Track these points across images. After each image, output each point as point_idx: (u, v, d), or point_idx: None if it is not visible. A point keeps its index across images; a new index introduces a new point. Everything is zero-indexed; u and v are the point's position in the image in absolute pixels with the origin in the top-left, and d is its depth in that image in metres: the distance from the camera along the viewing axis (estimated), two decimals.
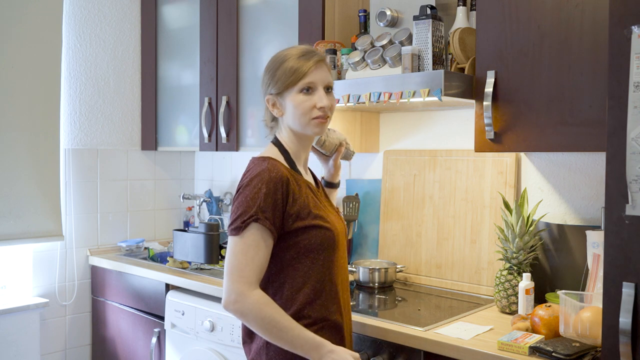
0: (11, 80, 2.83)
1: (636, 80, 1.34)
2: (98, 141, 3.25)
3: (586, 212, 2.14)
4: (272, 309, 1.51)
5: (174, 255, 2.84)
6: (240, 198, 1.56)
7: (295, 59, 1.60)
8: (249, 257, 1.51)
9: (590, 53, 1.76)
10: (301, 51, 1.63)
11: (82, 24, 3.17)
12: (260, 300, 1.51)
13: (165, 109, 3.29)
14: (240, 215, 1.53)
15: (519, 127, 1.90)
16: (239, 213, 1.54)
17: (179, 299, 2.59)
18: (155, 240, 3.40)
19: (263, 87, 1.67)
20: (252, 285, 1.51)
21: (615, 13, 1.38)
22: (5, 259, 2.91)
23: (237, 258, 1.53)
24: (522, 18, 1.89)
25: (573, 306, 1.72)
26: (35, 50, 2.91)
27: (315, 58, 1.62)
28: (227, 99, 2.89)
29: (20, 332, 2.79)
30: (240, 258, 1.52)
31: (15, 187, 2.84)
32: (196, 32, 3.06)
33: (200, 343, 2.49)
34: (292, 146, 1.67)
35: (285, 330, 1.50)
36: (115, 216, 3.31)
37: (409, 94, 2.01)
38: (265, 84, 1.66)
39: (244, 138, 2.86)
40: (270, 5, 2.74)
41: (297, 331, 1.51)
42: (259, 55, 2.79)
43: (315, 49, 1.67)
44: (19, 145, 2.86)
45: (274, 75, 1.63)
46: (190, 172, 3.68)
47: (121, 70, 3.32)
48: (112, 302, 3.04)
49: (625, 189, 1.35)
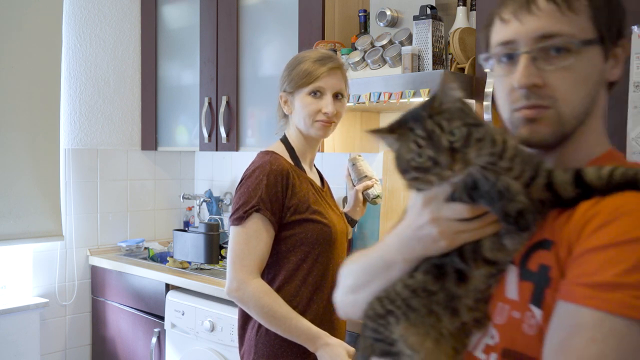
0: (11, 80, 2.83)
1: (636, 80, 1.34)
2: (98, 141, 3.25)
3: None
4: (271, 297, 1.55)
5: (174, 255, 2.84)
6: (242, 189, 1.61)
7: (311, 62, 1.65)
8: (251, 246, 1.56)
9: None
10: (319, 55, 1.68)
11: (82, 24, 3.17)
12: (260, 288, 1.56)
13: (165, 109, 3.29)
14: (242, 205, 1.58)
15: None
16: (240, 203, 1.59)
17: (179, 299, 2.59)
18: (155, 240, 3.40)
19: (279, 82, 1.73)
20: (253, 274, 1.56)
21: None
22: (5, 259, 2.91)
23: (239, 247, 1.57)
24: None
25: None
26: (35, 50, 2.90)
27: (330, 64, 1.66)
28: (227, 99, 2.89)
29: (20, 332, 2.79)
30: (242, 247, 1.57)
31: (15, 187, 2.84)
32: (196, 32, 3.06)
33: (200, 343, 2.49)
34: (298, 144, 1.71)
35: (282, 319, 1.55)
36: (115, 216, 3.31)
37: (409, 94, 2.02)
38: (282, 81, 1.72)
39: (244, 138, 2.86)
40: (270, 5, 2.74)
41: (295, 321, 1.55)
42: (259, 55, 2.79)
43: (334, 56, 1.72)
44: (19, 145, 2.86)
45: (289, 74, 1.68)
46: (190, 172, 3.68)
47: (121, 70, 3.32)
48: (112, 302, 3.04)
49: None
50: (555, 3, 0.83)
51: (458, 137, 0.78)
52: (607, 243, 0.74)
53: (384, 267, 0.90)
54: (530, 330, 0.80)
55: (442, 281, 0.84)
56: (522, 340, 0.80)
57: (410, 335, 0.84)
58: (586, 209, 0.79)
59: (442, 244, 0.83)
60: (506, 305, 0.83)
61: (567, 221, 0.80)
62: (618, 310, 0.71)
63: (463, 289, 0.83)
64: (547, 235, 0.82)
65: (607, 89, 0.91)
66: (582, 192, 0.80)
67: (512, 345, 0.82)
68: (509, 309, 0.83)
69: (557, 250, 0.79)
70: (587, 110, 0.87)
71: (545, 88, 0.85)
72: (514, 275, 0.83)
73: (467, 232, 0.82)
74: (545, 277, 0.80)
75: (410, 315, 0.85)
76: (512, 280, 0.83)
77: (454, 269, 0.84)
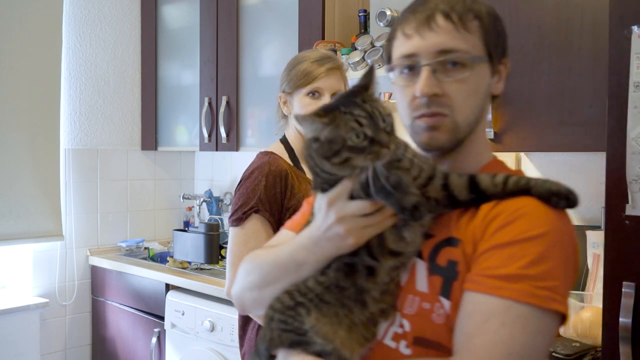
0: (11, 81, 2.83)
1: (636, 80, 1.34)
2: (98, 141, 3.24)
3: (586, 212, 2.14)
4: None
5: (174, 255, 2.84)
6: (241, 189, 1.60)
7: (310, 62, 1.64)
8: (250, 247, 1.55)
9: (590, 53, 1.76)
10: (318, 56, 1.67)
11: (82, 24, 3.16)
12: None
13: (165, 109, 3.28)
14: (241, 206, 1.57)
15: (519, 127, 1.90)
16: (239, 204, 1.58)
17: (179, 299, 2.59)
18: (155, 240, 3.40)
19: (279, 82, 1.72)
20: None
21: (615, 13, 1.38)
22: (5, 259, 2.91)
23: (238, 248, 1.57)
24: (522, 18, 1.89)
25: (573, 306, 1.72)
26: (35, 50, 2.91)
27: (329, 65, 1.65)
28: (227, 99, 2.89)
29: (20, 332, 2.79)
30: (241, 248, 1.56)
31: (15, 187, 2.84)
32: (196, 32, 3.06)
33: (200, 343, 2.49)
34: (297, 144, 1.71)
35: None
36: (115, 216, 3.31)
37: None
38: (281, 81, 1.71)
39: (244, 138, 2.86)
40: (270, 5, 2.74)
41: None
42: (259, 55, 2.79)
43: (333, 56, 1.70)
44: (19, 145, 2.86)
45: (288, 74, 1.67)
46: (190, 172, 3.68)
47: (121, 70, 3.32)
48: (112, 302, 3.04)
49: (625, 189, 1.35)
50: (453, 22, 0.93)
51: (388, 124, 0.86)
52: (510, 240, 0.86)
53: (295, 266, 0.96)
54: (439, 319, 0.89)
55: (352, 278, 0.91)
56: (432, 329, 0.89)
57: (323, 326, 0.89)
58: (488, 210, 0.90)
59: (350, 241, 0.89)
60: (417, 297, 0.91)
61: (470, 221, 0.91)
62: (522, 298, 0.82)
63: (372, 283, 0.90)
64: (453, 234, 0.91)
65: (490, 101, 1.02)
66: (476, 197, 0.91)
67: (422, 333, 0.90)
68: (420, 300, 0.91)
69: (464, 247, 0.89)
70: (477, 120, 0.98)
71: (444, 97, 0.94)
72: (424, 270, 0.92)
73: (372, 226, 0.89)
74: (453, 271, 0.89)
75: (322, 307, 0.91)
76: (422, 275, 0.92)
77: (364, 266, 0.90)
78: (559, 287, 0.84)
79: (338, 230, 0.89)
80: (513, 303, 0.82)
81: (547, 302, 0.83)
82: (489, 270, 0.85)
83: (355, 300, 0.90)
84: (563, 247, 0.87)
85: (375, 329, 0.93)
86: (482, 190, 0.91)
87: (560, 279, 0.85)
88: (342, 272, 0.91)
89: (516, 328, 0.82)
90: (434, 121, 0.94)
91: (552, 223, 0.87)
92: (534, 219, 0.87)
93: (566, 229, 0.89)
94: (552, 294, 0.83)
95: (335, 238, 0.90)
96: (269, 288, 0.99)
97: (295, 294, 0.94)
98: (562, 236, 0.87)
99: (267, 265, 1.01)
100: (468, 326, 0.85)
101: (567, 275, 0.87)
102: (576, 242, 0.91)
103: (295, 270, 0.96)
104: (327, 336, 0.89)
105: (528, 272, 0.83)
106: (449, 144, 0.96)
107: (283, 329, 0.93)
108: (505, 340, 0.81)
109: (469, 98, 0.95)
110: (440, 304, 0.89)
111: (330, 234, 0.90)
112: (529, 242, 0.85)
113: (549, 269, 0.84)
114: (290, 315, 0.93)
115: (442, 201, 0.90)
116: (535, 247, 0.85)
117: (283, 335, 0.93)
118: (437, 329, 0.89)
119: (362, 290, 0.90)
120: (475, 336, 0.83)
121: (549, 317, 0.84)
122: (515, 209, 0.88)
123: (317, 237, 0.92)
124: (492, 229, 0.88)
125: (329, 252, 0.92)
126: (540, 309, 0.83)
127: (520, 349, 0.81)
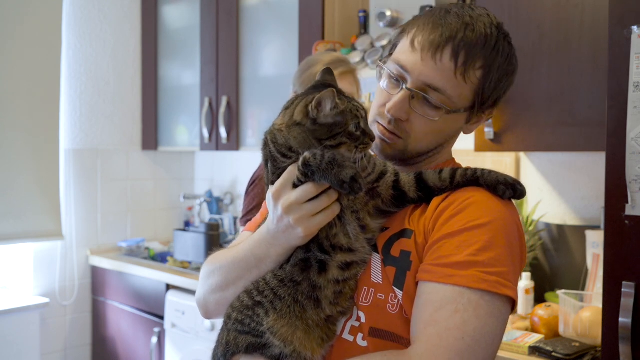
0: (11, 80, 2.83)
1: (636, 80, 1.34)
2: (98, 141, 3.25)
3: (586, 212, 2.14)
4: None
5: (175, 255, 2.84)
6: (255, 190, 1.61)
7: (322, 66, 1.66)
8: None
9: (590, 53, 1.76)
10: (331, 59, 1.68)
11: (82, 24, 3.17)
12: None
13: (166, 109, 3.29)
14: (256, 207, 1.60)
15: (519, 127, 1.90)
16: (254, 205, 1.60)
17: (179, 299, 2.60)
18: (155, 240, 3.40)
19: (292, 84, 1.75)
20: None
21: (615, 13, 1.39)
22: (5, 259, 2.91)
23: None
24: (522, 18, 1.89)
25: (573, 306, 1.72)
26: (35, 50, 2.91)
27: (341, 69, 1.66)
28: (228, 99, 2.89)
29: (21, 332, 2.79)
30: None
31: (15, 187, 2.85)
32: (196, 33, 3.06)
33: (201, 343, 2.49)
34: None
35: None
36: (116, 216, 3.31)
37: None
38: (293, 82, 1.74)
39: (244, 138, 2.87)
40: (270, 5, 2.74)
41: None
42: (259, 56, 2.79)
43: (346, 60, 1.72)
44: (19, 145, 2.86)
45: (301, 76, 1.70)
46: (191, 172, 3.68)
47: (121, 71, 3.32)
48: (112, 302, 3.04)
49: (625, 189, 1.35)
50: (456, 65, 0.94)
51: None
52: (460, 228, 0.89)
53: (255, 262, 0.96)
54: (393, 309, 0.92)
55: (306, 272, 0.92)
56: (386, 319, 0.92)
57: (281, 327, 0.90)
58: (438, 202, 0.94)
59: (299, 231, 0.90)
60: (372, 288, 0.94)
61: (422, 213, 0.95)
62: (473, 284, 0.85)
63: (323, 279, 0.91)
64: (407, 226, 0.95)
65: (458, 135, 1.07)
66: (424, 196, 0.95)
67: (377, 324, 0.92)
68: (374, 291, 0.93)
69: (416, 238, 0.93)
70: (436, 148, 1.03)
71: (406, 123, 0.98)
72: (378, 262, 0.94)
73: (319, 214, 0.89)
74: (406, 262, 0.92)
75: (277, 304, 0.91)
76: (377, 266, 0.94)
77: (317, 260, 0.92)
78: (507, 273, 0.87)
79: (288, 220, 0.90)
80: (465, 290, 0.85)
81: (497, 287, 0.86)
82: (441, 260, 0.88)
83: (309, 298, 0.91)
84: (507, 235, 0.90)
85: (335, 328, 0.94)
86: (430, 188, 0.95)
87: (508, 266, 0.88)
88: (298, 267, 0.93)
89: (468, 313, 0.84)
90: (388, 136, 0.99)
91: (497, 211, 0.91)
92: (481, 208, 0.90)
93: (511, 217, 0.92)
94: (501, 279, 0.86)
95: (288, 229, 0.91)
96: (231, 288, 1.00)
97: (254, 292, 0.94)
98: (506, 224, 0.90)
99: (228, 265, 1.01)
100: (423, 315, 0.87)
101: (513, 262, 0.90)
102: (522, 231, 0.95)
103: (256, 266, 0.96)
104: (285, 338, 0.89)
105: (477, 259, 0.86)
106: (394, 158, 1.01)
107: (240, 330, 0.93)
108: (459, 325, 0.84)
109: (429, 134, 0.99)
110: (394, 294, 0.91)
111: (282, 226, 0.91)
112: (477, 229, 0.88)
113: (496, 255, 0.87)
114: (248, 315, 0.93)
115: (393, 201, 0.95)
116: (483, 234, 0.88)
117: (239, 338, 0.93)
118: (391, 319, 0.91)
119: (314, 286, 0.91)
120: (430, 324, 0.85)
121: (500, 301, 0.87)
122: (464, 199, 0.92)
123: (273, 230, 0.93)
124: (442, 219, 0.91)
125: (284, 244, 0.93)
126: (490, 294, 0.85)
127: (474, 332, 0.84)
